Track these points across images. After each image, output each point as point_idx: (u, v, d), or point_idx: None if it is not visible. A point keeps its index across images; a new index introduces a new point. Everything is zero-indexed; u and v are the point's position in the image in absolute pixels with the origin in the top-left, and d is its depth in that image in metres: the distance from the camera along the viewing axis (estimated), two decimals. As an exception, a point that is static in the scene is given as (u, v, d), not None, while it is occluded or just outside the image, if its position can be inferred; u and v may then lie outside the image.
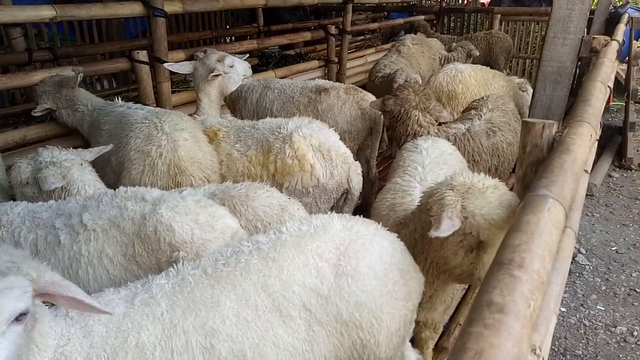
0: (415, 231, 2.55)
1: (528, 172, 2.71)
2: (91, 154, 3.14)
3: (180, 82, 6.87)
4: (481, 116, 4.24)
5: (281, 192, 3.36)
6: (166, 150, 3.20)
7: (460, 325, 3.68)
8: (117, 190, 2.51)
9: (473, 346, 1.13)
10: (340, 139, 4.47)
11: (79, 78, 4.08)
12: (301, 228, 2.08)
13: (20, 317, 1.43)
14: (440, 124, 4.17)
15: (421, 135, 3.92)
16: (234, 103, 5.25)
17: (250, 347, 1.78)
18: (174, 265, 1.98)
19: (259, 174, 3.48)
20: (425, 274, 2.41)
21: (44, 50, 4.75)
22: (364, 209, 5.20)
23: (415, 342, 3.04)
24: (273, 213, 2.72)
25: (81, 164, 2.96)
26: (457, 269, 2.35)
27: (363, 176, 3.60)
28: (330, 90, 4.62)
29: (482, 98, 4.59)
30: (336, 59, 8.12)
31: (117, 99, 4.05)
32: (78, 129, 4.09)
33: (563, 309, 4.61)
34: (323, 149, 3.36)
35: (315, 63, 8.05)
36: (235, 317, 1.80)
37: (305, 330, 1.88)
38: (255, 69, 7.95)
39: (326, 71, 8.24)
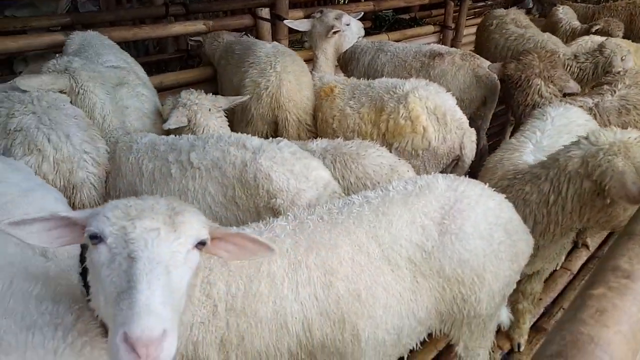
0: (535, 192, 2.53)
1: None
2: (227, 101, 3.44)
3: (295, 42, 7.08)
4: (614, 92, 3.88)
5: (391, 152, 3.43)
6: (272, 85, 3.76)
7: (564, 309, 3.54)
8: (221, 135, 2.73)
9: (595, 304, 1.13)
10: (452, 106, 4.48)
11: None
12: (407, 187, 2.17)
13: (199, 246, 1.42)
14: (565, 95, 3.90)
15: (541, 107, 3.71)
16: (346, 64, 5.31)
17: (364, 288, 1.91)
18: (290, 212, 2.13)
19: (369, 131, 3.55)
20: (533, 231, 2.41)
21: (177, 5, 5.15)
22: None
23: (512, 313, 3.01)
24: (383, 172, 2.79)
25: (209, 110, 3.23)
26: (621, 221, 2.34)
27: (473, 146, 3.55)
28: (445, 55, 4.50)
29: (619, 72, 4.18)
30: (453, 25, 7.80)
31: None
32: (210, 59, 4.86)
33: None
34: (438, 112, 3.33)
35: (430, 28, 7.81)
36: (351, 260, 1.93)
37: (410, 280, 1.98)
38: (368, 32, 7.93)
39: (441, 37, 7.96)
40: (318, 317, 1.86)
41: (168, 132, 3.18)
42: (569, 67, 4.80)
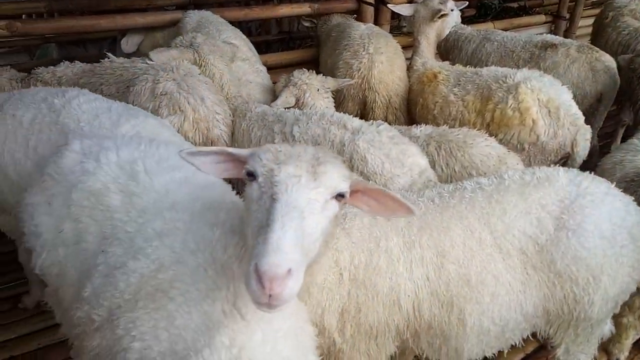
0: None
1: None
2: (335, 83, 3.56)
3: (394, 28, 7.00)
4: None
5: (496, 143, 3.32)
6: (364, 67, 3.86)
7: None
8: (325, 112, 2.81)
9: None
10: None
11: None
12: (524, 177, 2.10)
13: (339, 197, 1.40)
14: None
15: None
16: (448, 52, 5.17)
17: (474, 274, 1.91)
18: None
19: (472, 120, 3.46)
20: None
21: (284, -14, 5.36)
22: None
23: (615, 327, 2.82)
24: (490, 163, 2.72)
25: (318, 90, 3.33)
26: None
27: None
28: (558, 46, 4.23)
29: None
30: (567, 15, 7.25)
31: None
32: (320, 40, 5.04)
33: None
34: (551, 105, 3.16)
35: (541, 18, 7.33)
36: (462, 244, 1.94)
37: (520, 271, 1.95)
38: (471, 20, 7.62)
39: (552, 28, 7.44)
40: (428, 297, 1.89)
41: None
42: None
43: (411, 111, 4.14)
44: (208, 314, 1.35)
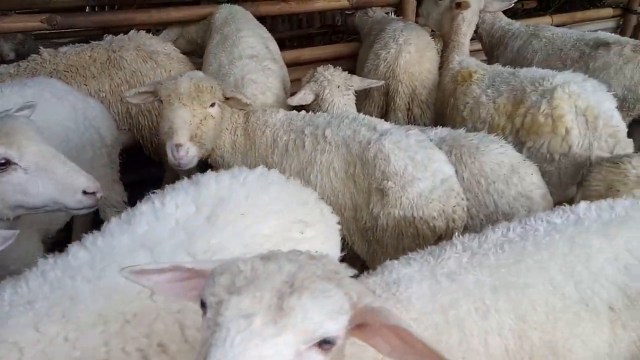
0: None
1: None
2: (360, 83, 3.47)
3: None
4: None
5: (522, 151, 3.10)
6: (391, 56, 3.84)
7: None
8: (357, 116, 2.73)
9: None
10: (612, 106, 3.86)
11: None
12: (601, 214, 1.86)
13: (324, 345, 0.98)
14: None
15: None
16: (492, 48, 4.90)
17: (561, 339, 1.66)
18: (451, 238, 1.86)
19: (501, 125, 3.25)
20: None
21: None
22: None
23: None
24: (501, 172, 2.56)
25: (338, 86, 3.26)
26: None
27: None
28: (612, 45, 3.86)
29: None
30: (639, 8, 6.63)
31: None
32: (360, 32, 4.98)
33: None
34: (589, 114, 2.89)
35: (608, 11, 6.74)
36: (544, 304, 1.66)
37: (608, 332, 1.70)
38: (531, 13, 7.16)
39: (621, 22, 6.84)
40: None
41: (295, 107, 3.32)
42: None
43: (443, 112, 3.97)
44: None
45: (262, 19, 5.08)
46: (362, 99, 4.11)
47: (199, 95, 2.64)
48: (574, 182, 2.98)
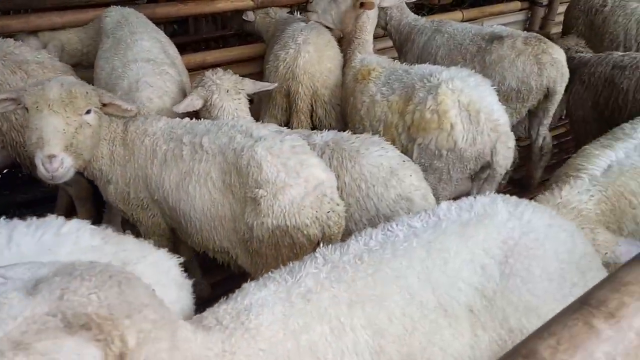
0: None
1: None
2: (253, 86, 3.35)
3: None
4: None
5: (414, 148, 3.10)
6: (289, 57, 3.74)
7: None
8: (236, 122, 2.62)
9: None
10: (506, 98, 3.95)
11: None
12: (461, 214, 1.84)
13: None
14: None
15: None
16: (402, 45, 4.92)
17: (419, 351, 1.63)
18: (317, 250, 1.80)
19: (394, 122, 3.24)
20: None
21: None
22: (525, 184, 4.55)
23: None
24: (380, 175, 2.53)
25: (227, 91, 3.14)
26: None
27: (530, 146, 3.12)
28: (505, 38, 3.96)
29: None
30: (545, 1, 6.91)
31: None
32: (263, 35, 4.83)
33: None
34: (472, 108, 2.92)
35: (516, 4, 6.96)
36: (402, 314, 1.62)
37: (469, 335, 1.68)
38: (447, 9, 7.31)
39: (529, 15, 7.11)
40: None
41: (189, 113, 3.17)
42: None
43: (345, 111, 3.93)
44: None
45: (185, 19, 4.87)
46: (266, 102, 4.04)
47: (73, 102, 2.45)
48: (464, 176, 3.02)
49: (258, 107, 4.21)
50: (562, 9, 7.11)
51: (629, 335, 0.94)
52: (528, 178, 4.58)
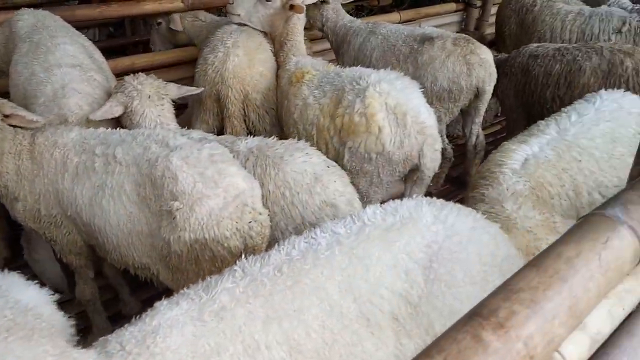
0: None
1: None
2: (177, 91, 3.20)
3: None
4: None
5: (344, 152, 3.06)
6: (218, 60, 3.61)
7: None
8: (153, 131, 2.48)
9: None
10: (439, 98, 4.00)
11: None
12: (386, 218, 1.79)
13: None
14: None
15: None
16: (339, 47, 4.90)
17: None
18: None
19: (326, 126, 3.19)
20: None
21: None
22: (462, 182, 4.64)
23: None
24: (304, 182, 2.45)
25: (149, 96, 2.98)
26: None
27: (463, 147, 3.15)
28: (435, 39, 4.00)
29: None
30: (479, 2, 7.11)
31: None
32: (194, 41, 4.64)
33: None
34: (398, 111, 2.89)
35: (451, 6, 7.14)
36: (322, 328, 1.55)
37: (394, 344, 1.63)
38: (386, 10, 7.38)
39: (464, 16, 7.30)
40: None
41: (117, 121, 3.01)
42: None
43: (280, 115, 3.86)
44: None
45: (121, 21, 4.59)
46: (197, 107, 3.90)
47: None
48: (394, 179, 3.00)
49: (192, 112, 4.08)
50: (495, 10, 7.38)
51: (516, 346, 0.91)
52: (465, 175, 4.66)
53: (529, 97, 4.18)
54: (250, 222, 2.17)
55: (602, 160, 2.70)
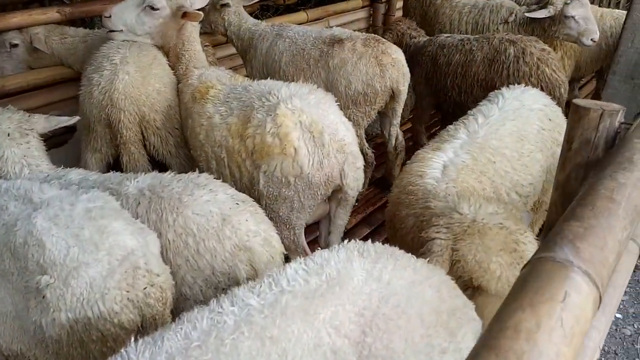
0: None
1: (572, 177, 1.96)
2: (47, 124, 2.72)
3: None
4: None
5: (259, 177, 2.73)
6: (105, 79, 3.15)
7: None
8: (12, 184, 1.99)
9: None
10: (354, 102, 3.79)
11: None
12: (309, 280, 1.49)
13: None
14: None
15: None
16: (245, 52, 4.54)
17: None
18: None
19: (236, 148, 2.84)
20: None
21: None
22: (386, 183, 4.48)
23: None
24: (210, 226, 2.06)
25: (8, 135, 2.46)
26: None
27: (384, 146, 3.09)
28: (345, 41, 3.79)
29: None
30: (384, -3, 7.05)
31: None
32: (63, 60, 4.05)
33: (618, 315, 3.78)
34: (314, 129, 2.62)
35: (357, 2, 7.01)
36: None
37: None
38: (292, 9, 7.09)
39: (371, 12, 7.21)
40: None
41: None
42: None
43: (185, 135, 3.43)
44: None
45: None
46: (85, 134, 3.37)
47: None
48: (316, 202, 2.72)
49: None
50: (401, 5, 7.36)
51: None
52: (388, 176, 4.52)
53: (436, 85, 4.45)
54: (145, 288, 1.78)
55: (513, 159, 2.71)
